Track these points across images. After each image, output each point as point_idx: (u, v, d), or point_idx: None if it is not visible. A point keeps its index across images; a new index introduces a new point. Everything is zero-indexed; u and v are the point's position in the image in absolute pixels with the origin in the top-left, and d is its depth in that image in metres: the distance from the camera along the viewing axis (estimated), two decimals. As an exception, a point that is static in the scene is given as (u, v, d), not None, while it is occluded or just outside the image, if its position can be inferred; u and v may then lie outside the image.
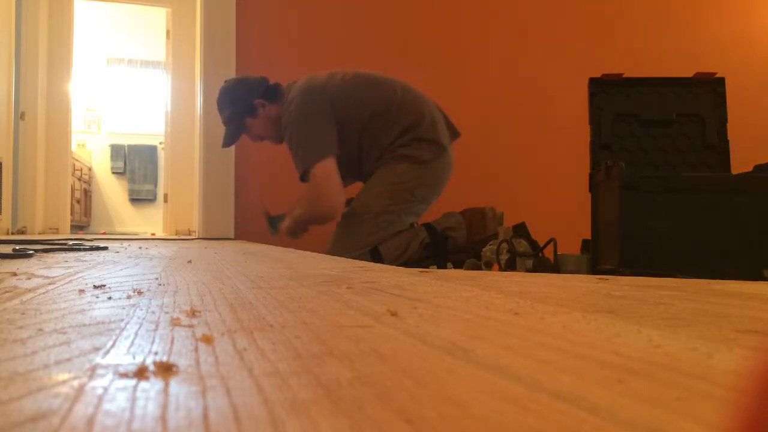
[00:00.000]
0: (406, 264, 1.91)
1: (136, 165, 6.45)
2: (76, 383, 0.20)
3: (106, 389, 0.19)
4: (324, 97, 1.93)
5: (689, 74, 1.85)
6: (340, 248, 1.88)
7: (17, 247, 1.13)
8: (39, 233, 3.07)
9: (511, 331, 0.31)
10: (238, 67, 2.85)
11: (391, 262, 1.89)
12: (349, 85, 1.97)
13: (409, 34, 3.03)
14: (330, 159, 1.86)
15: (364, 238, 1.90)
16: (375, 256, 1.88)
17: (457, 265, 1.97)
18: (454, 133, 2.07)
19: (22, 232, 3.04)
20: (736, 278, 0.73)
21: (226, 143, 2.14)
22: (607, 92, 1.83)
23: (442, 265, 1.97)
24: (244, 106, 2.05)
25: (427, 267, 1.92)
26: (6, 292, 0.48)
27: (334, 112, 1.92)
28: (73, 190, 4.45)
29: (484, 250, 1.83)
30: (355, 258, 1.78)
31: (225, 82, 2.14)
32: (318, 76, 2.00)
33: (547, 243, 1.73)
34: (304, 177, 1.92)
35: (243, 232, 2.82)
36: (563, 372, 0.22)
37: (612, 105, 1.82)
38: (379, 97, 1.96)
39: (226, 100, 2.09)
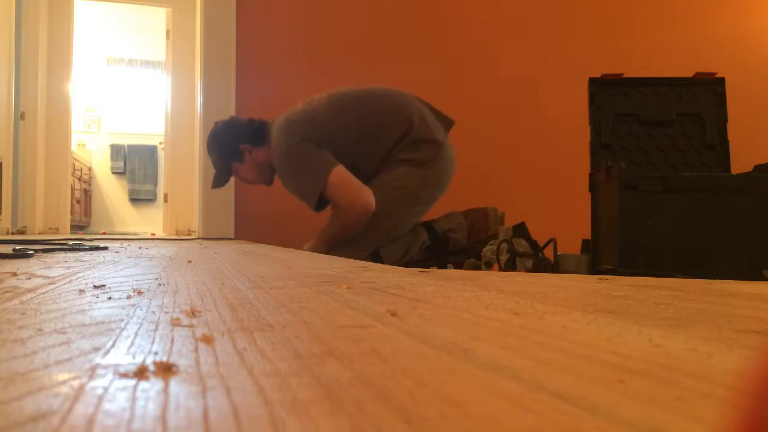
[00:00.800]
0: (407, 265, 1.91)
1: (136, 165, 6.45)
2: (76, 383, 0.20)
3: (106, 389, 0.19)
4: (305, 125, 1.91)
5: (689, 74, 1.85)
6: (342, 254, 1.87)
7: (17, 247, 1.13)
8: (39, 233, 3.07)
9: (511, 331, 0.31)
10: (238, 67, 2.85)
11: (392, 264, 1.89)
12: (329, 108, 1.95)
13: (409, 33, 3.03)
14: (339, 167, 1.84)
15: (367, 243, 1.89)
16: (375, 258, 1.88)
17: (458, 266, 1.97)
18: (447, 123, 2.05)
19: (22, 232, 3.04)
20: (736, 278, 0.73)
21: (214, 185, 2.15)
22: (607, 92, 1.83)
23: (442, 266, 1.97)
24: (230, 151, 2.05)
25: (428, 267, 1.92)
26: (6, 292, 0.48)
27: (321, 136, 1.89)
28: (73, 190, 4.45)
29: (484, 250, 1.83)
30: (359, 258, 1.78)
31: (215, 124, 2.14)
32: (295, 108, 1.99)
33: (547, 243, 1.73)
34: (319, 204, 1.89)
35: (243, 232, 2.82)
36: (563, 372, 0.22)
37: (612, 105, 1.82)
38: (364, 111, 1.94)
39: (213, 144, 2.10)
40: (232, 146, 2.04)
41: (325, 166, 1.84)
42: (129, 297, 0.45)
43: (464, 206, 2.14)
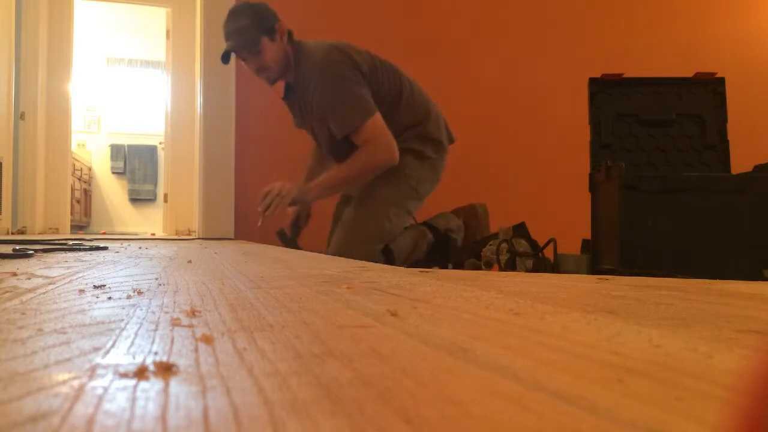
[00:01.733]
0: (412, 264, 1.91)
1: (136, 165, 6.45)
2: (76, 383, 0.20)
3: (106, 389, 0.19)
4: (354, 57, 1.85)
5: (689, 74, 1.85)
6: (356, 241, 1.82)
7: (17, 247, 1.13)
8: (39, 233, 3.07)
9: (511, 331, 0.31)
10: (238, 67, 2.85)
11: (403, 261, 1.89)
12: (369, 57, 1.90)
13: (410, 33, 3.03)
14: (377, 114, 1.80)
15: (377, 229, 1.87)
16: (387, 254, 1.87)
17: (457, 266, 1.97)
18: (450, 139, 2.05)
19: (22, 232, 3.04)
20: (736, 278, 0.73)
21: (226, 58, 1.88)
22: (607, 92, 1.83)
23: (444, 266, 1.98)
24: (267, 24, 1.84)
25: (430, 267, 1.93)
26: (6, 292, 0.48)
27: (362, 76, 1.84)
28: (73, 190, 4.45)
29: (484, 250, 1.84)
30: (369, 253, 1.77)
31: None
32: (339, 41, 1.91)
33: (547, 243, 1.74)
34: (347, 137, 1.81)
35: (243, 232, 2.82)
36: (563, 372, 0.22)
37: (612, 105, 1.82)
38: (391, 83, 1.90)
39: (249, 10, 1.86)
40: (271, 20, 1.86)
41: (368, 109, 1.79)
42: (129, 297, 0.45)
43: (458, 205, 2.15)
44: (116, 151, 6.46)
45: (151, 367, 0.22)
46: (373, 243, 1.83)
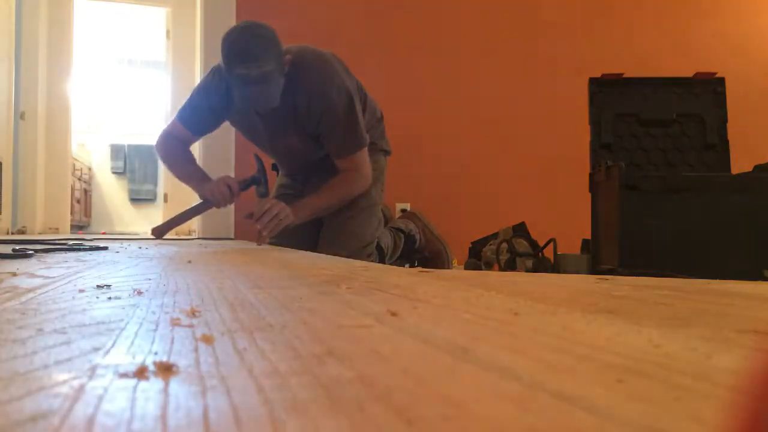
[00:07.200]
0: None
1: (136, 165, 6.45)
2: (76, 383, 0.20)
3: (106, 389, 0.19)
4: (351, 79, 1.80)
5: (689, 74, 1.85)
6: (360, 239, 1.80)
7: (17, 247, 1.13)
8: (39, 233, 3.07)
9: (511, 331, 0.31)
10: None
11: (390, 257, 1.90)
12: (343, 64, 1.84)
13: (410, 31, 3.03)
14: (366, 146, 1.78)
15: (375, 228, 1.88)
16: (379, 251, 1.88)
17: (422, 263, 2.01)
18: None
19: (22, 232, 3.04)
20: (736, 278, 0.73)
21: (263, 107, 1.64)
22: (607, 92, 1.83)
23: (412, 264, 2.01)
24: (282, 62, 1.59)
25: (402, 266, 1.96)
26: (6, 292, 0.48)
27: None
28: (73, 190, 4.45)
29: (484, 250, 1.84)
30: (369, 252, 1.78)
31: (250, 25, 1.59)
32: (327, 51, 1.81)
33: (547, 243, 1.74)
34: (341, 156, 1.75)
35: (243, 232, 2.82)
36: (563, 372, 0.22)
37: (612, 105, 1.83)
38: (355, 80, 1.83)
39: (273, 46, 1.57)
40: (284, 55, 1.60)
41: (366, 136, 1.76)
42: (129, 297, 0.45)
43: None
44: (116, 151, 6.45)
45: (151, 367, 0.22)
46: (373, 243, 1.84)
